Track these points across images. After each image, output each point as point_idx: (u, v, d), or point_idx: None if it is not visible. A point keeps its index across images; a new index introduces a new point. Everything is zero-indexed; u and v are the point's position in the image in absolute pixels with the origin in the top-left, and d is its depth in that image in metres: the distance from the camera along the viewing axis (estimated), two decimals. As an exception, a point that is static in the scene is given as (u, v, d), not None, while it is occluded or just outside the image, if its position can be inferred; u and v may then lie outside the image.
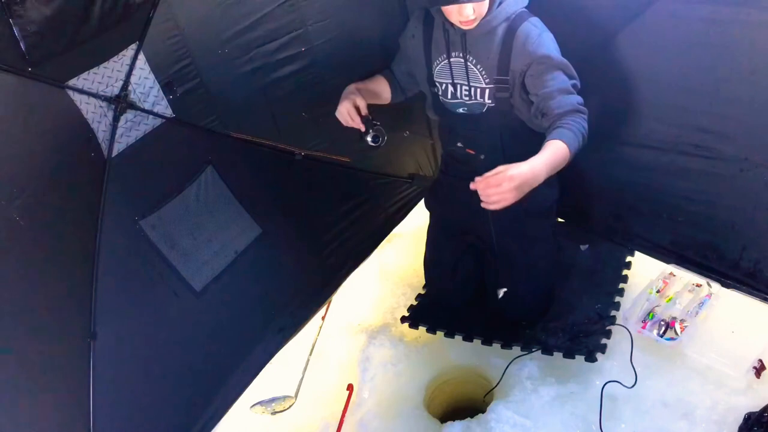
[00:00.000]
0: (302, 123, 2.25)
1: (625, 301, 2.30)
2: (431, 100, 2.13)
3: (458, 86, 1.99)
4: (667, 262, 2.24)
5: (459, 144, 2.13)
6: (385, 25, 2.23)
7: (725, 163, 1.85)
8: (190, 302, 2.07)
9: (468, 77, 1.95)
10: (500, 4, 1.83)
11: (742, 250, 1.96)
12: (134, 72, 1.79)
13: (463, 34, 1.88)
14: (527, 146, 1.81)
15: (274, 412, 2.32)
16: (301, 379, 2.39)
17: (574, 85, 1.81)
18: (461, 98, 2.00)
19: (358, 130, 2.02)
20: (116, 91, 1.77)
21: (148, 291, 1.98)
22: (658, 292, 2.25)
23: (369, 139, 2.02)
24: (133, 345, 1.96)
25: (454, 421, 2.15)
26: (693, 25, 1.74)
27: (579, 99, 1.80)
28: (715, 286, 2.15)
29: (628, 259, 2.45)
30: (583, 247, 2.55)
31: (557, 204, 2.23)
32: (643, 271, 2.39)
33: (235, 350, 2.23)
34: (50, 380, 1.77)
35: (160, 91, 1.87)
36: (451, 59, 1.96)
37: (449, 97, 2.04)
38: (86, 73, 1.69)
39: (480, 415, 2.14)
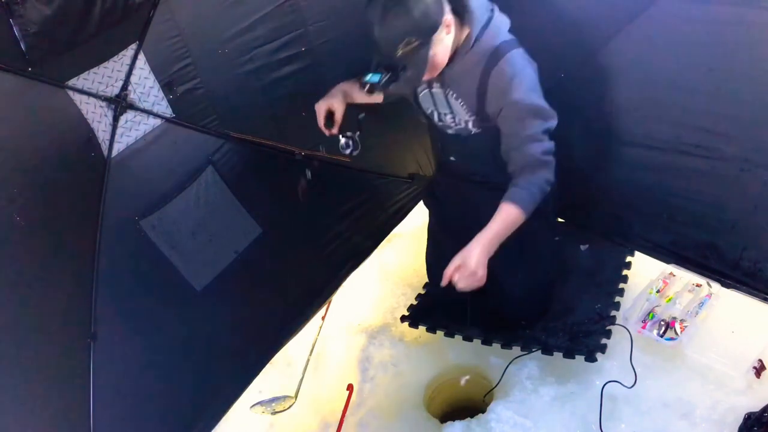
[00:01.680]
0: (302, 123, 2.24)
1: (625, 301, 2.30)
2: (422, 117, 2.10)
3: (442, 114, 1.95)
4: (667, 262, 2.23)
5: (452, 158, 2.11)
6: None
7: (725, 163, 1.85)
8: (191, 302, 2.08)
9: (450, 108, 1.90)
10: (476, 40, 1.73)
11: (742, 250, 1.95)
12: (134, 72, 1.79)
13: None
14: None
15: (274, 412, 2.32)
16: (301, 379, 2.39)
17: (545, 130, 1.75)
18: (447, 123, 1.96)
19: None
20: (116, 91, 1.78)
21: (148, 291, 1.98)
22: (658, 292, 2.25)
23: (341, 143, 1.97)
24: (133, 345, 1.96)
25: (454, 421, 2.15)
26: (693, 25, 1.74)
27: (545, 147, 1.75)
28: (715, 286, 2.15)
29: (628, 259, 2.45)
30: (583, 247, 2.55)
31: (555, 202, 2.21)
32: (643, 271, 2.39)
33: (235, 350, 2.23)
34: (50, 380, 1.77)
35: (160, 91, 1.87)
36: (432, 89, 1.91)
37: (436, 120, 2.00)
38: (86, 73, 1.69)
39: (480, 415, 2.14)
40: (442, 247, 2.46)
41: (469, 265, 1.74)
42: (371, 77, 1.66)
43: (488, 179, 2.07)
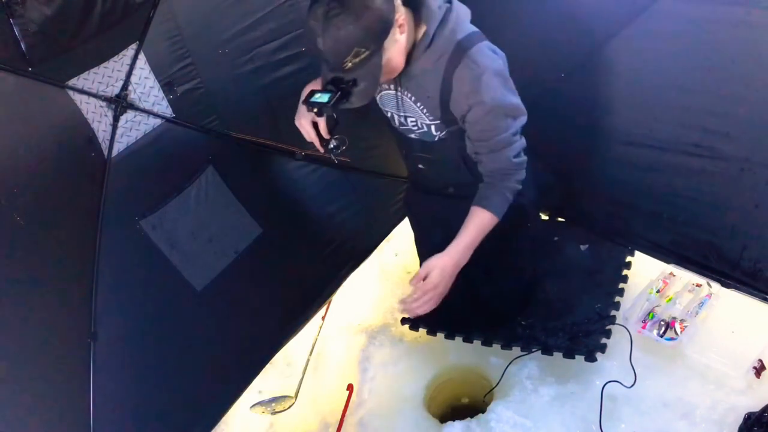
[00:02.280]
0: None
1: (625, 301, 2.30)
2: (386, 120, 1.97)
3: (403, 117, 1.81)
4: (667, 262, 2.24)
5: (420, 166, 2.01)
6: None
7: (726, 163, 1.85)
8: (191, 302, 2.07)
9: (413, 110, 1.76)
10: (434, 37, 1.56)
11: (742, 250, 1.96)
12: (134, 72, 1.79)
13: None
14: None
15: (274, 412, 2.32)
16: (301, 379, 2.39)
17: (517, 131, 1.67)
18: (410, 126, 1.82)
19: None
20: (116, 91, 1.78)
21: (149, 291, 1.98)
22: (658, 292, 2.25)
23: (330, 146, 1.78)
24: (133, 345, 1.96)
25: (454, 421, 2.15)
26: (693, 25, 1.75)
27: (517, 149, 1.68)
28: (715, 286, 2.15)
29: (628, 259, 2.45)
30: (583, 247, 2.55)
31: (534, 206, 2.15)
32: (643, 271, 2.39)
33: (236, 350, 2.23)
34: (50, 380, 1.77)
35: (160, 91, 1.87)
36: (387, 91, 1.76)
37: (397, 124, 1.86)
38: (86, 72, 1.69)
39: (480, 415, 2.14)
40: (429, 256, 2.44)
41: (432, 279, 1.69)
42: (319, 97, 1.48)
43: (460, 190, 1.98)
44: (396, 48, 1.51)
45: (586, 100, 2.12)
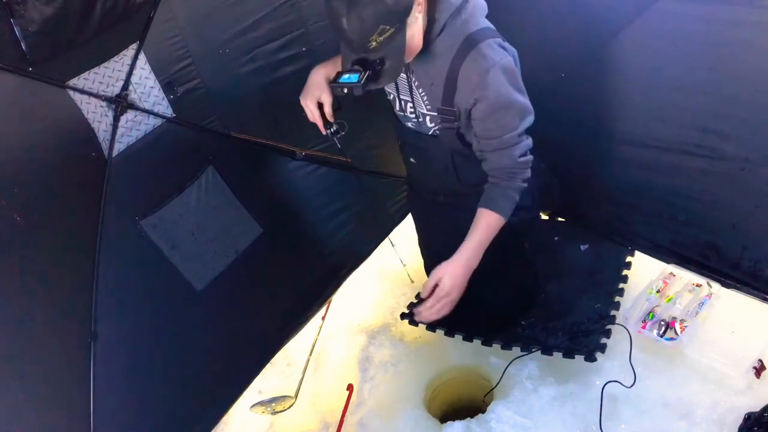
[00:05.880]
0: (302, 123, 2.24)
1: (625, 301, 2.30)
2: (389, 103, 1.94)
3: (404, 102, 1.80)
4: (667, 262, 2.24)
5: (412, 159, 2.01)
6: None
7: (726, 163, 1.85)
8: (191, 302, 2.07)
9: (412, 97, 1.75)
10: (446, 26, 1.56)
11: (742, 250, 1.96)
12: (135, 72, 1.79)
13: None
14: (482, 170, 1.78)
15: (274, 412, 2.32)
16: (301, 379, 2.39)
17: (523, 131, 1.66)
18: (408, 114, 1.82)
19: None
20: (117, 90, 1.77)
21: (149, 291, 1.98)
22: (658, 292, 2.25)
23: (329, 132, 1.86)
24: (133, 345, 1.96)
25: (454, 421, 2.15)
26: (693, 25, 1.75)
27: (522, 149, 1.68)
28: (715, 286, 2.15)
29: (628, 259, 2.45)
30: (583, 247, 2.55)
31: (532, 222, 2.14)
32: (643, 271, 2.39)
33: (236, 350, 2.23)
34: (51, 381, 1.77)
35: (161, 91, 1.87)
36: (402, 73, 1.72)
37: (397, 108, 1.85)
38: (87, 72, 1.69)
39: (480, 415, 2.14)
40: (433, 255, 2.44)
41: (444, 287, 1.73)
42: (348, 78, 1.48)
43: (449, 199, 1.99)
44: (416, 27, 1.50)
45: (586, 100, 2.13)
